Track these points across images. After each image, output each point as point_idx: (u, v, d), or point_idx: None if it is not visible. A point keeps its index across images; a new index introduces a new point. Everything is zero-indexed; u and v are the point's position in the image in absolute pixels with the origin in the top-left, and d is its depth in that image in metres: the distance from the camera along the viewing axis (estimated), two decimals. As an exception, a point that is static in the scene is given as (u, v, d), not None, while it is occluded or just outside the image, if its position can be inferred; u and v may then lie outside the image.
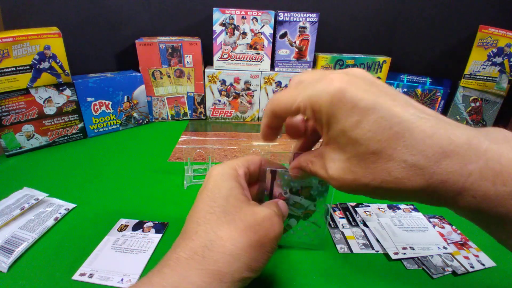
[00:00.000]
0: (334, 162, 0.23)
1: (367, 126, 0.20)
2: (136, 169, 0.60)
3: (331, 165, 0.23)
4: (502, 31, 0.76)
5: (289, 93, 0.24)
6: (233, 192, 0.27)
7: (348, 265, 0.39)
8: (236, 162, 0.30)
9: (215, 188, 0.27)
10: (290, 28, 0.79)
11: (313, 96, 0.22)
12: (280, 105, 0.25)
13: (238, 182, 0.28)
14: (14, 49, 0.59)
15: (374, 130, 0.20)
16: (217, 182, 0.28)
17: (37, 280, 0.35)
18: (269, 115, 0.27)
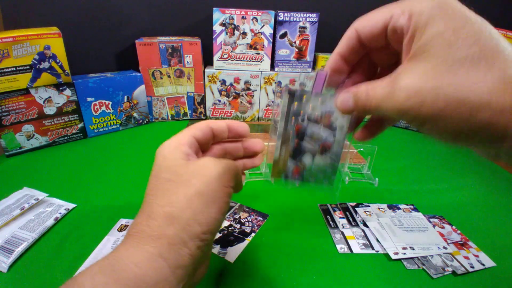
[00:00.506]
0: (413, 72, 0.20)
1: (468, 32, 0.19)
2: (136, 169, 0.60)
3: (407, 76, 0.20)
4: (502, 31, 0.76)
5: (379, 9, 0.22)
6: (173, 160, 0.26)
7: (348, 265, 0.39)
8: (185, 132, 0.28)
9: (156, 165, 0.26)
10: (290, 28, 0.79)
11: (413, 2, 0.21)
12: (368, 19, 0.23)
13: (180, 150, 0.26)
14: (14, 49, 0.59)
15: (474, 38, 0.18)
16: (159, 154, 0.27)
17: (37, 280, 0.35)
18: (349, 36, 0.24)
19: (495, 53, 0.18)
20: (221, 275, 0.37)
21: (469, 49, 0.18)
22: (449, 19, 0.19)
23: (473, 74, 0.18)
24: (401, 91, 0.20)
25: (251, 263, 0.38)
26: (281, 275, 0.37)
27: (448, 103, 0.18)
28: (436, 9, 0.20)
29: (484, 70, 0.18)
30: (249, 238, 0.42)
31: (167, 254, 0.22)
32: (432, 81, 0.19)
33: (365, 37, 0.23)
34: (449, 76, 0.18)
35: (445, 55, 0.19)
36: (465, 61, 0.18)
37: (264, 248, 0.41)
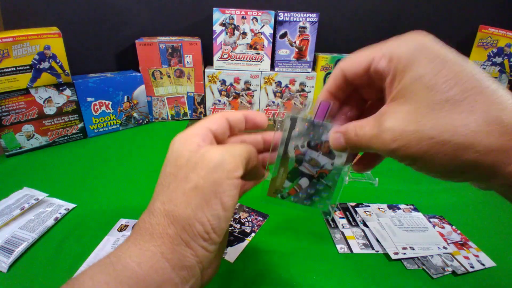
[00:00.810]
0: (396, 114, 0.20)
1: (447, 75, 0.19)
2: (136, 169, 0.60)
3: (391, 118, 0.21)
4: (502, 31, 0.76)
5: (362, 51, 0.23)
6: (180, 152, 0.24)
7: (348, 265, 0.39)
8: (200, 124, 0.26)
9: (166, 158, 0.25)
10: (290, 28, 0.79)
11: (393, 46, 0.22)
12: (352, 61, 0.24)
13: (190, 143, 0.25)
14: (14, 49, 0.59)
15: (455, 80, 0.19)
16: (168, 151, 0.25)
17: (37, 280, 0.35)
18: (336, 75, 0.25)
19: (477, 94, 0.18)
20: (221, 275, 0.37)
21: (449, 91, 0.19)
22: (428, 62, 0.20)
23: (455, 117, 0.18)
24: (387, 133, 0.20)
25: (251, 263, 0.38)
26: (281, 275, 0.37)
27: (432, 145, 0.19)
28: (415, 52, 0.20)
29: (466, 112, 0.18)
30: (249, 238, 0.42)
31: (170, 255, 0.21)
32: (415, 124, 0.19)
33: (350, 77, 0.25)
34: (431, 118, 0.19)
35: (425, 98, 0.19)
36: (446, 103, 0.19)
37: (264, 248, 0.41)
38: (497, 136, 0.18)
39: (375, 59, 0.22)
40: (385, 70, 0.22)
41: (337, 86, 0.26)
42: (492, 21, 0.79)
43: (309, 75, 0.83)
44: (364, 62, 0.23)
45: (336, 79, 0.26)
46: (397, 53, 0.21)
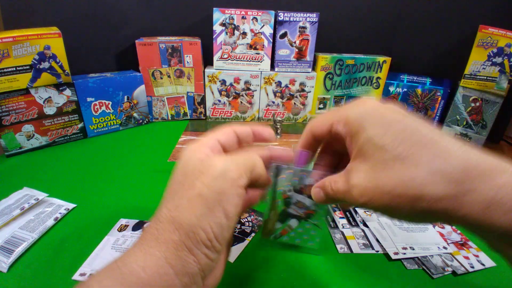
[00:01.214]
0: (358, 172, 0.23)
1: (393, 134, 0.21)
2: (136, 169, 0.60)
3: (355, 176, 0.23)
4: (502, 31, 0.76)
5: (325, 115, 0.27)
6: (190, 162, 0.25)
7: (348, 265, 0.39)
8: (210, 136, 0.27)
9: (175, 167, 0.26)
10: (290, 28, 0.79)
11: (347, 111, 0.25)
12: (317, 123, 0.27)
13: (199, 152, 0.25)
14: (14, 49, 0.59)
15: (400, 138, 0.21)
16: (179, 161, 0.26)
17: (37, 280, 0.35)
18: (306, 134, 0.29)
19: (421, 148, 0.21)
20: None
21: (396, 149, 0.21)
22: (375, 124, 0.22)
23: (404, 171, 0.21)
24: (354, 190, 0.23)
25: (251, 263, 0.38)
26: (281, 275, 0.37)
27: (391, 197, 0.21)
28: (364, 116, 0.23)
29: (413, 166, 0.20)
30: (249, 238, 0.42)
31: (173, 261, 0.22)
32: (374, 180, 0.22)
33: (317, 136, 0.28)
34: (385, 174, 0.21)
35: (378, 157, 0.22)
36: (395, 160, 0.21)
37: (264, 248, 0.41)
38: (443, 186, 0.19)
39: (334, 123, 0.26)
40: (342, 132, 0.25)
41: (309, 143, 0.29)
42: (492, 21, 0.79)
43: (309, 75, 0.83)
44: (326, 126, 0.26)
45: (307, 136, 0.29)
46: (350, 118, 0.24)
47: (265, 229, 0.36)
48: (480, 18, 0.84)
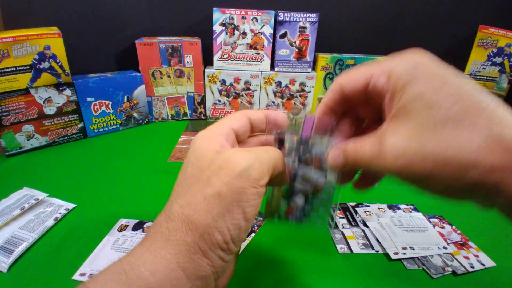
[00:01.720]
0: (397, 133, 0.20)
1: (448, 92, 0.19)
2: (136, 169, 0.60)
3: (392, 136, 0.20)
4: (502, 31, 0.76)
5: (361, 68, 0.23)
6: (203, 152, 0.23)
7: (348, 265, 0.39)
8: (222, 123, 0.25)
9: (186, 157, 0.24)
10: (290, 28, 0.79)
11: (392, 63, 0.21)
12: (350, 77, 0.24)
13: (215, 141, 0.23)
14: (14, 49, 0.59)
15: (455, 98, 0.19)
16: (189, 150, 0.24)
17: (37, 280, 0.35)
18: (334, 90, 0.25)
19: (478, 111, 0.18)
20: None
21: (450, 109, 0.18)
22: (428, 79, 0.19)
23: (457, 134, 0.18)
24: (389, 152, 0.20)
25: (251, 263, 0.38)
26: (281, 274, 0.37)
27: (436, 163, 0.18)
28: (414, 70, 0.20)
29: (468, 130, 0.18)
30: (249, 238, 0.42)
31: (186, 264, 0.20)
32: (417, 142, 0.19)
33: (348, 92, 0.24)
34: (434, 136, 0.18)
35: (427, 116, 0.19)
36: (447, 121, 0.18)
37: (264, 248, 0.41)
38: (500, 154, 0.17)
39: (374, 76, 0.22)
40: (384, 87, 0.22)
41: (335, 100, 0.26)
42: (492, 21, 0.79)
43: (309, 75, 0.83)
44: (362, 79, 0.23)
45: (334, 93, 0.25)
46: (396, 71, 0.21)
47: (269, 208, 0.32)
48: (480, 18, 0.84)
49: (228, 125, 0.25)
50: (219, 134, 0.24)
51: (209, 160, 0.22)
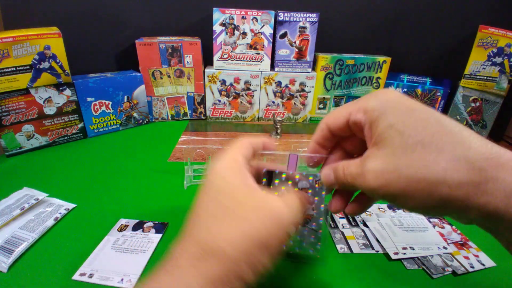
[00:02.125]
0: (376, 157, 0.23)
1: (416, 121, 0.22)
2: (136, 169, 0.60)
3: (372, 160, 0.23)
4: (502, 31, 0.76)
5: (341, 107, 0.27)
6: (234, 183, 0.24)
7: (348, 265, 0.39)
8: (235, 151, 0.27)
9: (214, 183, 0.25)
10: (290, 28, 0.79)
11: (366, 101, 0.24)
12: (333, 116, 0.27)
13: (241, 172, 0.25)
14: (14, 49, 0.59)
15: (422, 125, 0.21)
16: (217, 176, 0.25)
17: (37, 280, 0.35)
18: (321, 128, 0.28)
19: (444, 136, 0.21)
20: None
21: (418, 135, 0.21)
22: (397, 111, 0.22)
23: (426, 156, 0.20)
24: (369, 172, 0.23)
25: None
26: (281, 275, 0.37)
27: (409, 181, 0.21)
28: (385, 103, 0.23)
29: (435, 152, 0.20)
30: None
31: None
32: (392, 164, 0.21)
33: (333, 129, 0.28)
34: (406, 159, 0.21)
35: (399, 142, 0.21)
36: (417, 145, 0.21)
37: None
38: (465, 172, 0.19)
39: (352, 113, 0.25)
40: (361, 120, 0.25)
41: (323, 137, 0.29)
42: (492, 21, 0.79)
43: (309, 75, 0.83)
44: (343, 117, 0.26)
45: (322, 131, 0.28)
46: (370, 106, 0.24)
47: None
48: (480, 18, 0.84)
49: (240, 154, 0.27)
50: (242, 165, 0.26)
51: (242, 194, 0.24)
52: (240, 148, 0.28)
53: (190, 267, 0.21)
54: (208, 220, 0.23)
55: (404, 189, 0.21)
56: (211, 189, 0.25)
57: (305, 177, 0.30)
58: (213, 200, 0.24)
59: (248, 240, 0.22)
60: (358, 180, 0.24)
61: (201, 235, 0.23)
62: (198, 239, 0.23)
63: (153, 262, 0.38)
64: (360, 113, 0.25)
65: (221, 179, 0.25)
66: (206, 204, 0.24)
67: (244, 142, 0.29)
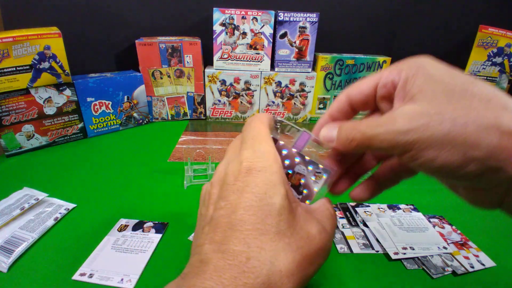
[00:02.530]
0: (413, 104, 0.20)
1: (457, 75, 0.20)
2: (136, 169, 0.60)
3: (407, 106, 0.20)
4: (502, 31, 0.76)
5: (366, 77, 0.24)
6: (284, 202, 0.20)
7: (348, 265, 0.39)
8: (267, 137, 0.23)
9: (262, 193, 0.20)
10: (290, 28, 0.79)
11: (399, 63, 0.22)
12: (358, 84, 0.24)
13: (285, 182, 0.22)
14: (14, 49, 0.59)
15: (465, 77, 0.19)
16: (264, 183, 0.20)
17: (37, 280, 0.35)
18: (339, 100, 0.25)
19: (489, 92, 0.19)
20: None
21: (464, 84, 0.19)
22: (437, 65, 0.20)
23: (474, 103, 0.18)
24: (403, 115, 0.19)
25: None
26: (281, 275, 0.37)
27: (454, 125, 0.18)
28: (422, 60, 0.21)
29: (485, 100, 0.18)
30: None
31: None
32: (434, 107, 0.18)
33: (354, 100, 0.24)
34: (451, 103, 0.18)
35: (442, 89, 0.19)
36: (465, 92, 0.18)
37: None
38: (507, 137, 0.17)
39: (383, 76, 0.22)
40: (395, 79, 0.22)
41: (338, 109, 0.25)
42: (492, 21, 0.79)
43: (309, 75, 0.83)
44: (371, 82, 0.23)
45: (339, 103, 0.25)
46: (406, 65, 0.21)
47: None
48: (480, 18, 0.84)
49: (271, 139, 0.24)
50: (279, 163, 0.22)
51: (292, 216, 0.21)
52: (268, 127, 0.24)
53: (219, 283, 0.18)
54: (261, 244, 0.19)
55: (445, 134, 0.18)
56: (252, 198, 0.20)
57: (305, 163, 0.26)
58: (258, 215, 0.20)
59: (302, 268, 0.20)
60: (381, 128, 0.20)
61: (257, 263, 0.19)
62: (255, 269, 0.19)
63: (153, 262, 0.38)
64: (393, 73, 0.22)
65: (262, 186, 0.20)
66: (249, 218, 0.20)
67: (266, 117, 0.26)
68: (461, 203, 0.52)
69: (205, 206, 0.23)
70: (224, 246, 0.19)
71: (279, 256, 0.19)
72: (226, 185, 0.22)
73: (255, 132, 0.24)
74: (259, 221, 0.20)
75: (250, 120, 0.26)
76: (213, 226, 0.21)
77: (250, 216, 0.20)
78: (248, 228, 0.19)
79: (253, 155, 0.22)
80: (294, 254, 0.20)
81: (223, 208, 0.21)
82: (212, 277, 0.18)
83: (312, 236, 0.21)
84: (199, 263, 0.19)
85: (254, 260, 0.19)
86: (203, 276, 0.18)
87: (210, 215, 0.22)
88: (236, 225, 0.20)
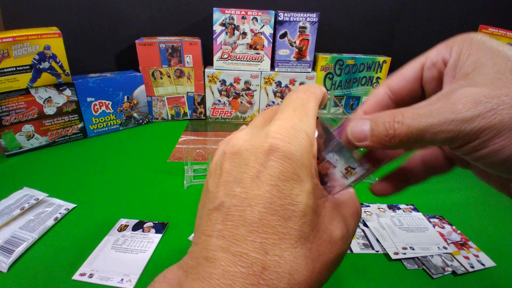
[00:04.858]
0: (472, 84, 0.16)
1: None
2: (136, 169, 0.60)
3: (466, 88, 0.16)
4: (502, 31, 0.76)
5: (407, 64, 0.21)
6: (310, 201, 0.17)
7: (348, 265, 0.39)
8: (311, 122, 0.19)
9: (288, 189, 0.16)
10: (290, 28, 0.79)
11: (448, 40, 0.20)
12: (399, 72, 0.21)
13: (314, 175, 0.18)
14: (14, 49, 0.59)
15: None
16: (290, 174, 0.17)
17: (37, 280, 0.35)
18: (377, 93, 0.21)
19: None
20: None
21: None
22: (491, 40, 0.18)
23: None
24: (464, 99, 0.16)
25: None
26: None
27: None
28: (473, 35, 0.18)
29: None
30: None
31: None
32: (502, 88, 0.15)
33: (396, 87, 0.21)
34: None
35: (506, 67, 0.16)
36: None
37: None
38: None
39: (430, 56, 0.20)
40: (445, 56, 0.19)
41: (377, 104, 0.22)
42: (492, 21, 0.79)
43: (309, 75, 0.83)
44: (417, 64, 0.20)
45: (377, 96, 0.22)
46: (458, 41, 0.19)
47: None
48: (480, 18, 0.84)
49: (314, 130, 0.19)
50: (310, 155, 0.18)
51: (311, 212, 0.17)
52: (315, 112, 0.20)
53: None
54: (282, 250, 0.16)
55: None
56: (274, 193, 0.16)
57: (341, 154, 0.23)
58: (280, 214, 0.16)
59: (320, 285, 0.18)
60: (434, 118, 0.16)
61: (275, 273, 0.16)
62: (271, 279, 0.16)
63: (153, 262, 0.38)
64: (442, 50, 0.19)
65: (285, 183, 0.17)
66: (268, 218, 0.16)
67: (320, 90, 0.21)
68: (461, 203, 0.52)
69: (215, 183, 0.19)
70: (237, 247, 0.16)
71: (299, 266, 0.17)
72: (244, 165, 0.17)
73: (298, 103, 0.19)
74: (280, 224, 0.16)
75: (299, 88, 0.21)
76: (223, 215, 0.17)
77: (270, 216, 0.16)
78: (267, 231, 0.16)
79: (286, 132, 0.17)
80: (315, 263, 0.17)
81: (237, 196, 0.17)
82: (219, 285, 0.16)
83: (334, 240, 0.18)
84: (204, 260, 0.17)
85: (271, 272, 0.16)
86: (209, 281, 0.16)
87: (220, 198, 0.18)
88: (252, 224, 0.16)
